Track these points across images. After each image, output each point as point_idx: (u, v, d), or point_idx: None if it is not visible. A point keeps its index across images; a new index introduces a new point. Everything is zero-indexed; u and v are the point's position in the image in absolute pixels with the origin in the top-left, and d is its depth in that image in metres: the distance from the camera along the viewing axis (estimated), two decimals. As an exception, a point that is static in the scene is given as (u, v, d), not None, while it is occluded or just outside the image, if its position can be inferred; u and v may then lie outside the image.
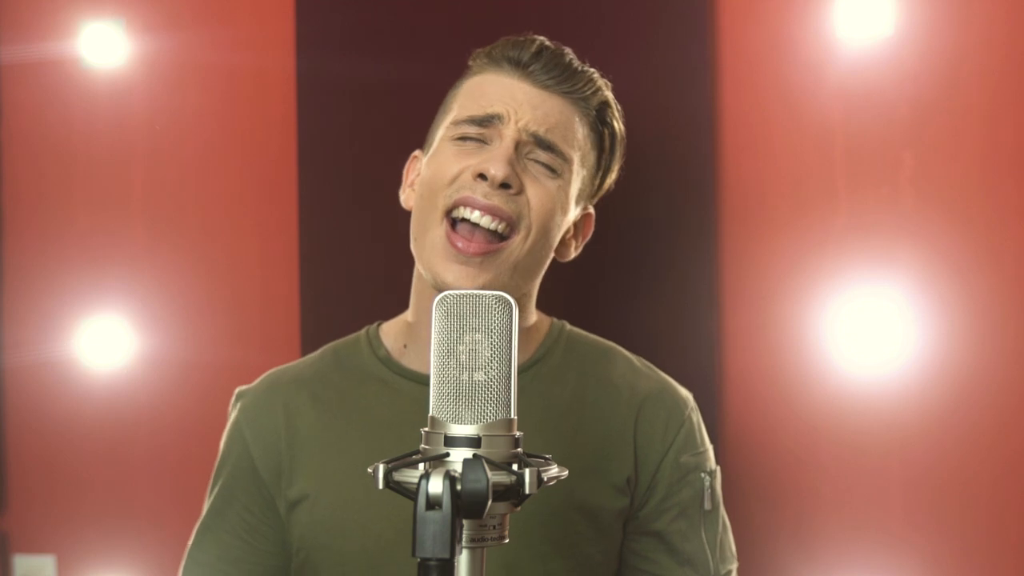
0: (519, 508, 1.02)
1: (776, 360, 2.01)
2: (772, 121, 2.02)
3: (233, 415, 1.55)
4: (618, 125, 1.53)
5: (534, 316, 1.55)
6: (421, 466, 1.00)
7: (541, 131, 1.42)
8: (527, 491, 0.98)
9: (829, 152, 1.98)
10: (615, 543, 1.49)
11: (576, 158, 1.46)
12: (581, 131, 1.47)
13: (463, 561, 1.00)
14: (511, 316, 1.01)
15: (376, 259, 2.13)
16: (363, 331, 1.57)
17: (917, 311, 1.95)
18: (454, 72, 1.55)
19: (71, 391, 2.34)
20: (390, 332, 1.55)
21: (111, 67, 2.33)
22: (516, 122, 1.42)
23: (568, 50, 1.49)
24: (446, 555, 0.94)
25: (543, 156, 1.43)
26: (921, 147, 1.95)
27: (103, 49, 2.32)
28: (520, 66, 1.45)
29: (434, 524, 0.94)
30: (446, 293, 1.02)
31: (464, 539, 1.00)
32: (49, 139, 2.38)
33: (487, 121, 1.42)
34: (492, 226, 1.39)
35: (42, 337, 2.36)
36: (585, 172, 1.49)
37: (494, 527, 1.01)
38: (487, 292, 1.02)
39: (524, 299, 1.50)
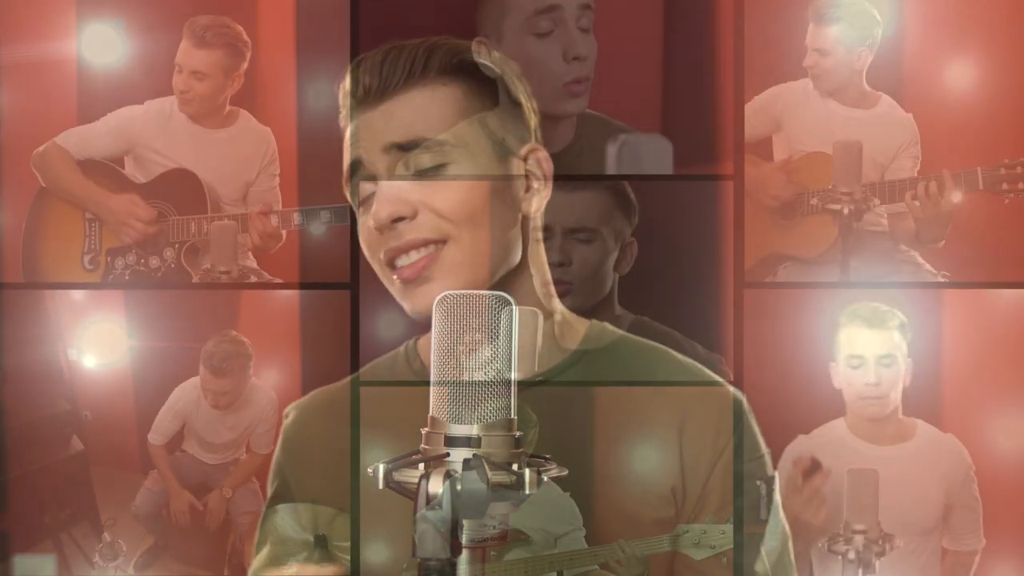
0: (519, 508, 1.02)
1: (776, 360, 2.00)
2: (772, 121, 2.02)
3: (282, 431, 1.57)
4: (482, 57, 1.43)
5: (557, 304, 1.47)
6: (421, 466, 1.00)
7: (399, 138, 1.38)
8: (527, 491, 0.98)
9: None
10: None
11: (458, 126, 1.39)
12: (443, 98, 1.39)
13: (463, 561, 1.00)
14: (511, 316, 1.01)
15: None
16: (402, 346, 1.55)
17: (917, 311, 1.94)
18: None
19: (71, 391, 2.33)
20: (424, 346, 1.52)
21: (111, 67, 2.32)
22: (376, 156, 1.38)
23: (401, 43, 1.42)
24: (446, 555, 0.94)
25: (424, 159, 1.38)
26: (921, 147, 1.95)
27: (103, 49, 2.32)
28: (360, 100, 1.42)
29: (434, 524, 0.94)
30: (446, 293, 1.02)
31: (464, 539, 1.00)
32: (49, 139, 2.37)
33: (355, 169, 1.41)
34: (423, 254, 1.37)
35: (42, 337, 2.35)
36: (489, 121, 1.41)
37: (494, 527, 1.01)
38: (487, 292, 1.02)
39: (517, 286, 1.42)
